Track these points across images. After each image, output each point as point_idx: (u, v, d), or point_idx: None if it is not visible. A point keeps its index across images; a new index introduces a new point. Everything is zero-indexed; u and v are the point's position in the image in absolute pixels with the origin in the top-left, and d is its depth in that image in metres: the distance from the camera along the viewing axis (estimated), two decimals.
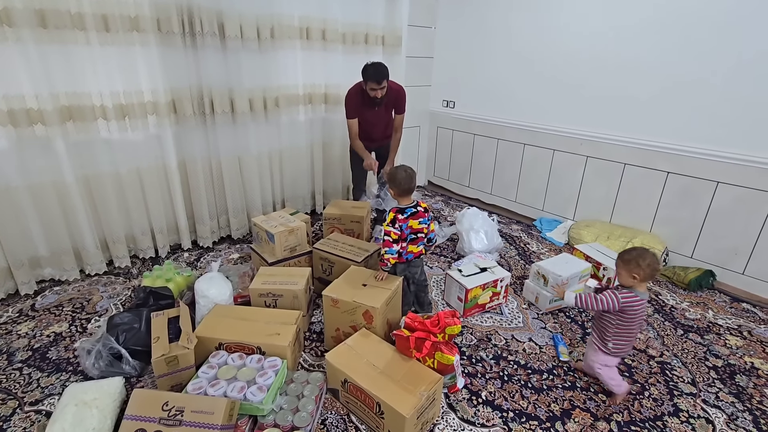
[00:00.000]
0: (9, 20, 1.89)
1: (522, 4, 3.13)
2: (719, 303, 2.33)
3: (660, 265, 1.55)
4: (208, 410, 1.30)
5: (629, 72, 2.65)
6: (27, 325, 1.99)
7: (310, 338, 1.98)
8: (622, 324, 1.55)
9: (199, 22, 2.38)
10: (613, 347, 1.59)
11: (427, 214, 1.91)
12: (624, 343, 1.58)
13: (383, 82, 2.45)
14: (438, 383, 1.47)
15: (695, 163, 2.46)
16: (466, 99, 3.75)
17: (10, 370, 1.71)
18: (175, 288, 2.14)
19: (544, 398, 1.65)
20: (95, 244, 2.41)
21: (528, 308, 2.24)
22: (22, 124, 2.04)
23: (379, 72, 2.43)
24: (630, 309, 1.51)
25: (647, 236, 2.68)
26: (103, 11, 2.12)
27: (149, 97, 2.37)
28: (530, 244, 3.02)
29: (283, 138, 3.06)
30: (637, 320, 1.54)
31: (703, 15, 2.30)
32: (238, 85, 2.65)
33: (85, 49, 2.11)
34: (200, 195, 2.72)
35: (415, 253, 1.93)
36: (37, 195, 2.19)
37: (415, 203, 1.90)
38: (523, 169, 3.41)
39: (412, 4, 3.51)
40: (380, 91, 2.48)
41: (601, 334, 1.62)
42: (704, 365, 1.85)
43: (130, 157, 2.42)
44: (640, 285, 1.52)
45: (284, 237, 2.24)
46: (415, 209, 1.88)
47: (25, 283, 2.22)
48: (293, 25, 2.81)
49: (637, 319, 1.53)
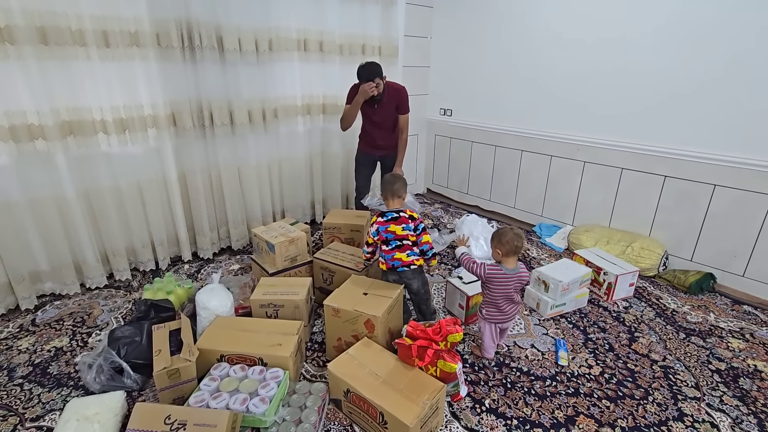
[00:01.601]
0: (11, 38, 1.92)
1: (515, 14, 3.18)
2: (720, 306, 2.33)
3: (523, 242, 1.73)
4: (211, 423, 1.29)
5: (624, 78, 2.68)
6: (27, 340, 1.99)
7: (312, 348, 1.97)
8: (489, 294, 1.78)
9: (198, 36, 2.41)
10: (486, 314, 1.81)
11: (412, 222, 1.89)
12: (493, 311, 1.79)
13: (376, 79, 2.48)
14: (441, 392, 1.47)
15: (692, 167, 2.48)
16: (463, 107, 3.78)
17: (11, 386, 1.70)
18: (176, 300, 2.14)
19: (547, 405, 1.64)
20: (96, 258, 2.41)
21: (529, 314, 2.24)
22: (23, 140, 2.06)
23: (370, 70, 2.46)
24: (494, 279, 1.73)
25: (646, 240, 2.69)
26: (103, 27, 2.15)
27: (149, 111, 2.39)
28: (530, 250, 3.03)
29: (282, 149, 3.08)
30: (502, 292, 1.74)
31: (699, 20, 2.33)
32: (237, 97, 2.67)
33: (86, 64, 2.14)
34: (200, 206, 2.73)
35: (404, 261, 1.88)
36: (38, 210, 2.20)
37: (399, 210, 1.90)
38: (521, 175, 3.43)
39: (407, 15, 3.56)
40: (376, 89, 2.51)
41: (482, 302, 1.85)
42: (707, 369, 1.85)
43: (130, 171, 2.44)
44: (507, 260, 1.74)
45: (284, 247, 2.24)
46: (396, 214, 1.88)
47: (25, 297, 2.22)
48: (291, 37, 2.85)
49: (501, 291, 1.74)
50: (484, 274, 1.74)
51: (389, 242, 1.88)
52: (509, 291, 1.75)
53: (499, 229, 1.78)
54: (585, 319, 2.20)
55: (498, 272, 1.73)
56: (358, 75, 2.50)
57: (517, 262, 1.76)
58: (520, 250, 1.73)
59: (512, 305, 1.79)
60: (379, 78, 2.49)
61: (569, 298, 2.23)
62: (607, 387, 1.74)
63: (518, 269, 1.75)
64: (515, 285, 1.75)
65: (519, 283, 1.76)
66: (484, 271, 1.74)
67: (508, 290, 1.74)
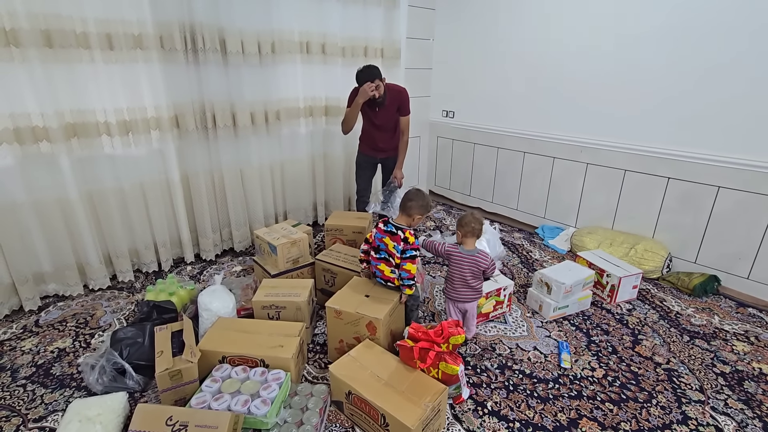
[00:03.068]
0: (16, 41, 1.93)
1: (517, 16, 3.18)
2: (725, 308, 2.32)
3: (481, 224, 1.94)
4: (212, 424, 1.29)
5: (627, 79, 2.67)
6: (31, 341, 1.99)
7: (314, 350, 1.97)
8: (449, 271, 1.98)
9: (201, 38, 2.43)
10: (445, 289, 2.02)
11: (405, 245, 1.78)
12: (449, 288, 1.98)
13: (376, 80, 2.47)
14: (443, 394, 1.46)
15: (696, 168, 2.46)
16: (465, 109, 3.78)
17: (14, 386, 1.71)
18: (179, 302, 2.14)
19: (550, 408, 1.63)
20: (99, 259, 2.42)
21: (532, 317, 2.23)
22: (28, 142, 2.07)
23: (369, 73, 2.45)
24: (451, 257, 1.92)
25: (650, 242, 2.67)
26: (107, 30, 2.16)
27: (152, 113, 2.41)
28: (533, 252, 3.02)
29: (284, 150, 3.09)
30: (456, 270, 1.92)
31: (702, 23, 2.33)
32: (240, 99, 2.68)
33: (90, 67, 2.15)
34: (203, 208, 2.74)
35: (385, 275, 1.84)
36: (42, 211, 2.21)
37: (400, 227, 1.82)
38: (523, 177, 3.42)
39: (410, 17, 3.57)
40: (376, 91, 2.51)
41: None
42: (712, 372, 1.83)
43: (134, 172, 2.45)
44: (466, 242, 1.92)
45: (287, 249, 2.24)
46: (395, 230, 1.82)
47: (29, 299, 2.23)
48: (293, 39, 2.86)
49: (456, 269, 1.92)
50: (443, 251, 1.94)
51: (379, 251, 1.87)
52: (463, 271, 1.91)
53: (461, 216, 1.96)
54: (588, 322, 2.19)
55: (455, 251, 1.92)
56: (357, 79, 2.50)
57: (475, 246, 1.93)
58: (477, 233, 1.93)
59: (467, 288, 1.93)
60: (379, 79, 2.49)
61: (572, 300, 2.22)
62: (611, 390, 1.72)
63: (475, 252, 1.90)
64: (470, 266, 1.90)
65: (474, 265, 1.89)
66: (444, 248, 1.94)
67: (462, 270, 1.91)
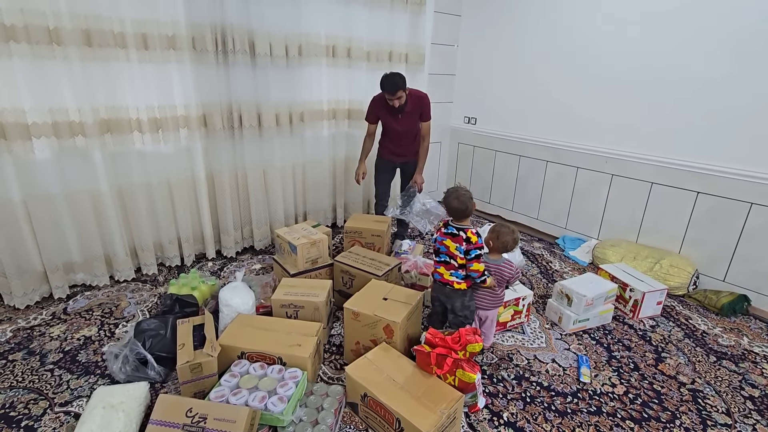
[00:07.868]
0: (58, 39, 2.02)
1: (544, 25, 3.15)
2: (755, 329, 2.23)
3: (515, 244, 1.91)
4: (231, 419, 1.31)
5: (657, 90, 2.62)
6: (59, 328, 2.07)
7: (330, 351, 1.98)
8: None
9: (232, 40, 2.49)
10: None
11: (468, 245, 1.75)
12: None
13: (398, 93, 2.46)
14: (459, 401, 1.45)
15: (727, 184, 2.39)
16: (488, 116, 3.76)
17: (42, 370, 1.78)
18: (200, 296, 2.19)
19: (568, 422, 1.60)
20: (125, 252, 2.49)
21: (551, 328, 2.19)
22: (65, 136, 2.16)
23: (392, 83, 2.45)
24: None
25: (676, 257, 2.59)
26: (143, 30, 2.24)
27: (182, 111, 2.47)
28: (553, 263, 2.97)
29: (306, 152, 3.12)
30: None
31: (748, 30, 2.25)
32: (266, 100, 2.73)
33: (125, 65, 2.23)
34: (226, 206, 2.79)
35: (444, 277, 1.84)
36: (74, 203, 2.29)
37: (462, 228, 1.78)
38: (545, 186, 3.37)
39: (435, 22, 3.58)
40: (398, 101, 2.52)
41: None
42: (740, 395, 1.76)
43: (161, 168, 2.52)
44: (493, 254, 1.93)
45: (306, 249, 2.27)
46: (456, 231, 1.78)
47: (58, 287, 2.31)
48: (320, 43, 2.90)
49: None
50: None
51: (440, 254, 1.86)
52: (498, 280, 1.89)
53: (503, 226, 1.93)
54: (609, 336, 2.14)
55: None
56: (381, 85, 2.51)
57: (501, 258, 1.92)
58: (510, 250, 1.92)
59: (488, 295, 1.90)
60: (402, 90, 2.49)
61: (593, 313, 2.17)
62: (632, 407, 1.68)
63: (501, 261, 1.90)
64: (493, 274, 1.88)
65: (498, 274, 1.88)
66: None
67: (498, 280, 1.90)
